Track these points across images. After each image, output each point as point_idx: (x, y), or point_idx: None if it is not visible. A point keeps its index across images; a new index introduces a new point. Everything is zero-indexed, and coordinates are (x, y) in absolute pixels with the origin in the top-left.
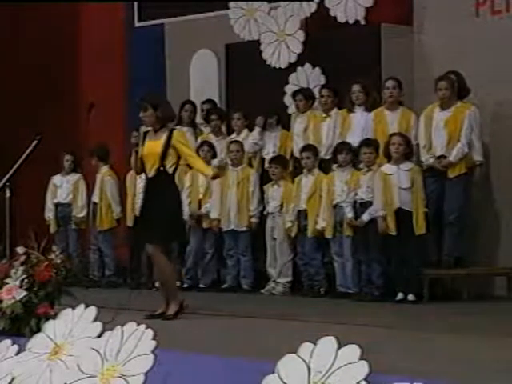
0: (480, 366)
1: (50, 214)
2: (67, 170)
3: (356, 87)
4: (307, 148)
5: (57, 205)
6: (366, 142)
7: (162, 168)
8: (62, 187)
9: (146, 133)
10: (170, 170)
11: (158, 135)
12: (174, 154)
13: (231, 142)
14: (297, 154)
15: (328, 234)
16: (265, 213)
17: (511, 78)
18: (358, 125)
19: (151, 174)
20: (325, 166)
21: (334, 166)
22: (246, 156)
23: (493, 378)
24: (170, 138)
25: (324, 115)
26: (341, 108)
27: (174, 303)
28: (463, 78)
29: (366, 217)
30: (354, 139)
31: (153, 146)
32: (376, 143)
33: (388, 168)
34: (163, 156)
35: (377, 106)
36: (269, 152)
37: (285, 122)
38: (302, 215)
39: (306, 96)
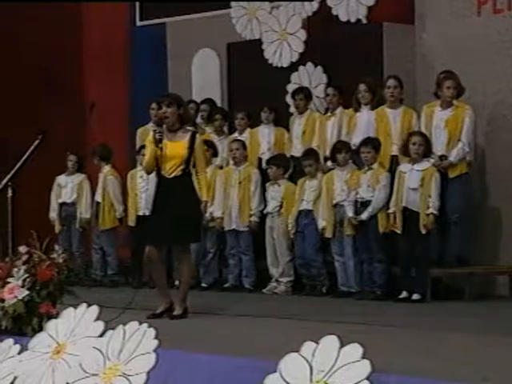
0: (482, 364)
1: (53, 214)
2: (71, 170)
3: (362, 87)
4: (309, 154)
5: (61, 204)
6: (365, 142)
7: (187, 170)
8: (67, 187)
9: (160, 132)
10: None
11: (178, 136)
12: (194, 156)
13: (232, 141)
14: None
15: (328, 234)
16: (264, 212)
17: None
18: (364, 124)
19: (173, 174)
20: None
21: (333, 165)
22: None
23: (494, 377)
24: (193, 140)
25: (329, 114)
26: (345, 107)
27: (183, 305)
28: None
29: (364, 215)
30: (359, 139)
31: (175, 147)
32: (376, 142)
33: (404, 166)
34: (189, 158)
35: (382, 105)
36: (264, 151)
37: (285, 121)
38: (302, 215)
39: (306, 95)
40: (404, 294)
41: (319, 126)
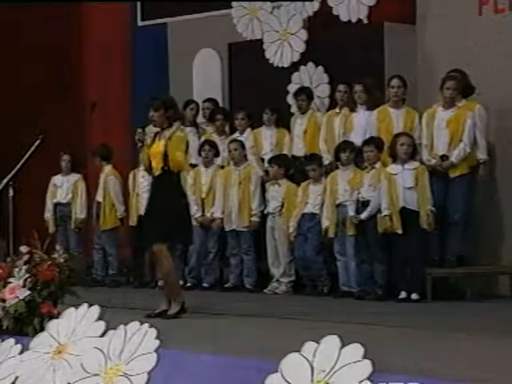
0: (483, 364)
1: (48, 215)
2: (65, 171)
3: (358, 87)
4: (312, 159)
5: (56, 204)
6: (367, 141)
7: (166, 167)
8: (62, 187)
9: (156, 133)
10: (175, 170)
11: (162, 136)
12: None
13: (231, 142)
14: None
15: (331, 234)
16: (265, 212)
17: None
18: (360, 124)
19: (157, 173)
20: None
21: (337, 164)
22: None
23: (496, 377)
24: (170, 137)
25: (337, 110)
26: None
27: (175, 303)
28: (467, 76)
29: (364, 215)
30: (356, 138)
31: (158, 146)
32: (379, 141)
33: (393, 168)
34: (166, 155)
35: (379, 105)
36: (266, 152)
37: (286, 121)
38: (305, 218)
39: (308, 95)
40: (403, 295)
41: (327, 122)
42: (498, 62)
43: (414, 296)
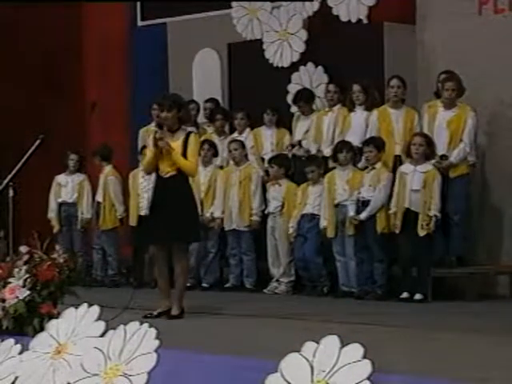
0: (483, 364)
1: (52, 214)
2: (72, 170)
3: (356, 87)
4: (311, 161)
5: (61, 204)
6: (367, 141)
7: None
8: (67, 187)
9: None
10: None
11: (175, 137)
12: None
13: (231, 142)
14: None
15: (330, 234)
16: (266, 212)
17: None
18: (358, 124)
19: (169, 173)
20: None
21: (335, 165)
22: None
23: (496, 377)
24: (187, 140)
25: (326, 109)
26: (344, 105)
27: (179, 304)
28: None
29: (363, 215)
30: (353, 138)
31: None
32: (379, 141)
33: (406, 167)
34: (183, 157)
35: (377, 105)
36: (267, 152)
37: (286, 121)
38: (305, 219)
39: (306, 99)
40: (405, 295)
41: (315, 121)
42: (498, 62)
43: (418, 296)
